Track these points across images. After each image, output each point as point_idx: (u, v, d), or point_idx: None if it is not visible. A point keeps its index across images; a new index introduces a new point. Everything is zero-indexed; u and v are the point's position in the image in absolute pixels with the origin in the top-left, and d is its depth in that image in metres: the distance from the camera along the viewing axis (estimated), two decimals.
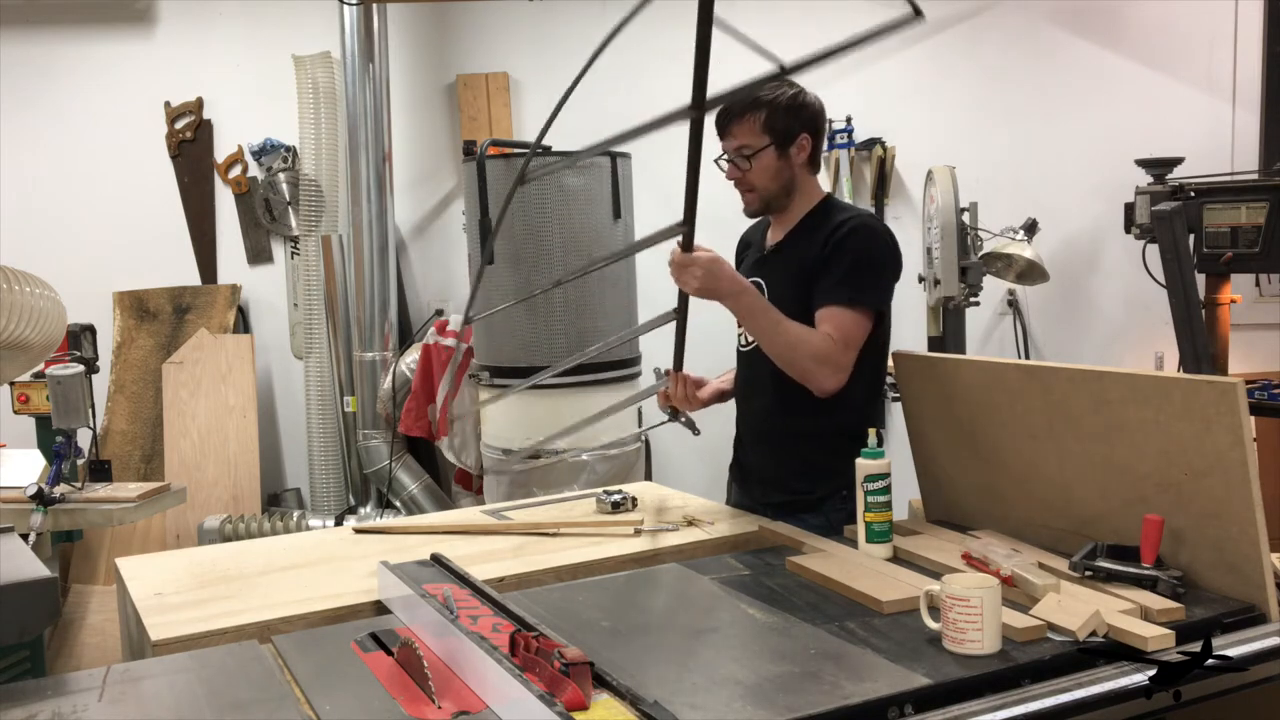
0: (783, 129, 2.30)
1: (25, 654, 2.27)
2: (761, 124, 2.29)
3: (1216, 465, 1.69)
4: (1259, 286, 4.46)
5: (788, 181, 2.34)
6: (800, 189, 2.37)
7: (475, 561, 2.02)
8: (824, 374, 2.21)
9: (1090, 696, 1.46)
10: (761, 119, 2.29)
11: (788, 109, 2.29)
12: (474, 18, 5.07)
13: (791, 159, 2.32)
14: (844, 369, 2.23)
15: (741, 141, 2.31)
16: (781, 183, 2.34)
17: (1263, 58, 4.60)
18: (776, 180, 2.33)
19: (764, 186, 2.34)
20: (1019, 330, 4.86)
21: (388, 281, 4.73)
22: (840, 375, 2.22)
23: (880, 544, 2.01)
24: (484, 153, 3.82)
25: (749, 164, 2.31)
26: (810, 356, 2.20)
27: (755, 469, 2.49)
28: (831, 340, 2.21)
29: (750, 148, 2.30)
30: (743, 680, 1.47)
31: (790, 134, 2.31)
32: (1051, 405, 1.96)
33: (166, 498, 3.58)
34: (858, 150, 4.83)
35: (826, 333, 2.22)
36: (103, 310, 4.81)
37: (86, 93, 4.90)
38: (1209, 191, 3.70)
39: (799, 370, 2.22)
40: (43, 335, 1.83)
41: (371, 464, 4.67)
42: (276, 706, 1.46)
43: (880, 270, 2.29)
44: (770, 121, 2.29)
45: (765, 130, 2.29)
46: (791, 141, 2.31)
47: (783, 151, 2.31)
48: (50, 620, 2.19)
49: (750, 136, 2.30)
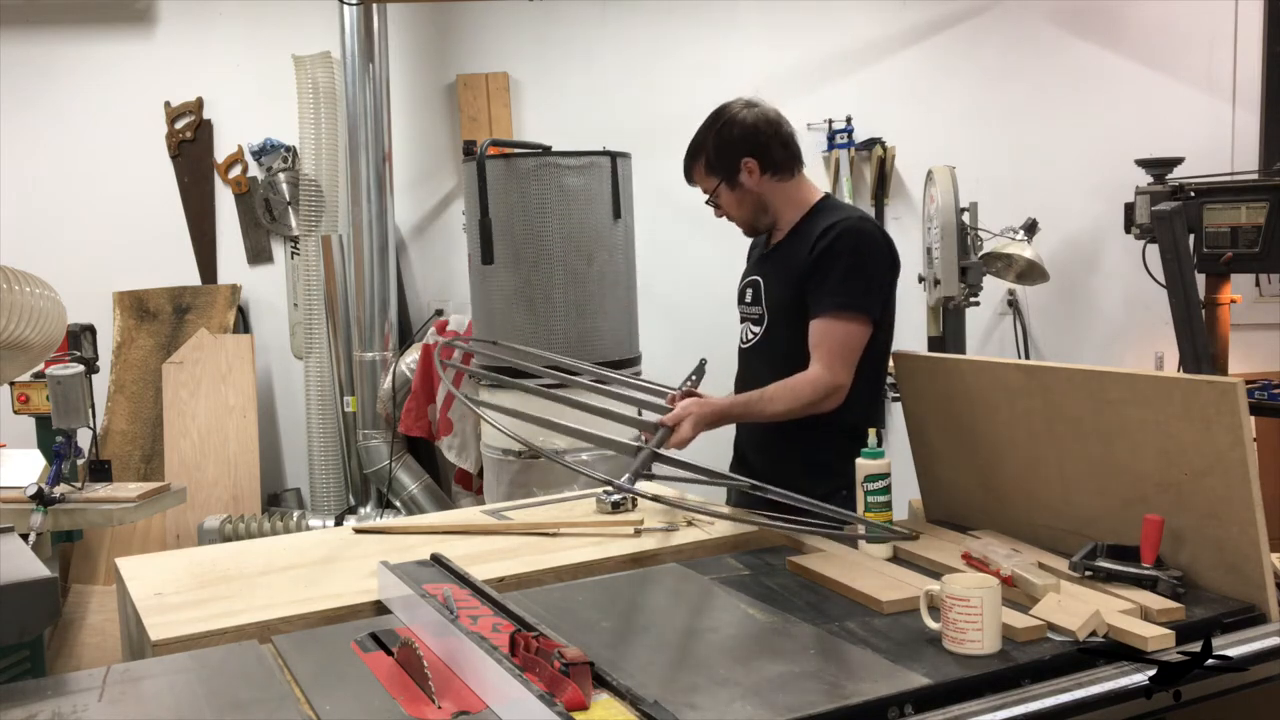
0: (722, 165, 2.39)
1: (25, 654, 2.27)
2: (706, 168, 2.41)
3: (1216, 465, 1.69)
4: (1259, 286, 4.46)
5: (756, 203, 2.42)
6: (779, 200, 2.42)
7: (475, 561, 2.02)
8: (827, 405, 2.27)
9: (1090, 696, 1.46)
10: (704, 164, 2.41)
11: (717, 145, 2.39)
12: (474, 18, 5.07)
13: (745, 185, 2.39)
14: (842, 388, 2.27)
15: (701, 186, 2.45)
16: (750, 207, 2.42)
17: (1263, 58, 4.60)
18: (743, 208, 2.43)
19: (738, 216, 2.45)
20: (1019, 330, 4.86)
21: (388, 281, 4.73)
22: (840, 394, 2.27)
23: (880, 544, 2.01)
24: (484, 153, 3.82)
25: (718, 203, 2.44)
26: (807, 404, 2.26)
27: (755, 469, 2.48)
28: (817, 374, 2.25)
29: (709, 191, 2.43)
30: (742, 680, 1.47)
31: (731, 166, 2.38)
32: (1051, 405, 1.96)
33: (166, 498, 3.58)
34: (858, 150, 4.83)
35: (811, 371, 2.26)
36: (103, 310, 4.81)
37: (86, 93, 4.90)
38: (1209, 191, 3.70)
39: (805, 413, 2.28)
40: (43, 335, 1.83)
41: (371, 464, 4.67)
42: (276, 706, 1.46)
43: (870, 274, 2.30)
44: (710, 163, 2.40)
45: (710, 173, 2.41)
46: (736, 171, 2.38)
47: (733, 183, 2.40)
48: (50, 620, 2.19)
49: (703, 183, 2.44)
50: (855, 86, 4.83)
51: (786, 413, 2.27)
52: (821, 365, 2.25)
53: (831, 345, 2.26)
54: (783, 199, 2.41)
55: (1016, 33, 4.82)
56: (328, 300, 4.75)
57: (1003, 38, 4.83)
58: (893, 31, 4.88)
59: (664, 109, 4.80)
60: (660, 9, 4.99)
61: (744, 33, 4.93)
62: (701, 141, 2.40)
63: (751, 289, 2.48)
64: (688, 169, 2.45)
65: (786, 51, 4.88)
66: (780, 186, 2.40)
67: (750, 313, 2.49)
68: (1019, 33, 4.81)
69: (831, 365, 2.25)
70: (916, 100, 4.88)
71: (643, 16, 5.02)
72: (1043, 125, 4.81)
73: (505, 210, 3.75)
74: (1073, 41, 4.78)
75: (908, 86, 4.88)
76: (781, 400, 2.26)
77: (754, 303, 2.47)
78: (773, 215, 2.43)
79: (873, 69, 4.90)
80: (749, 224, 2.46)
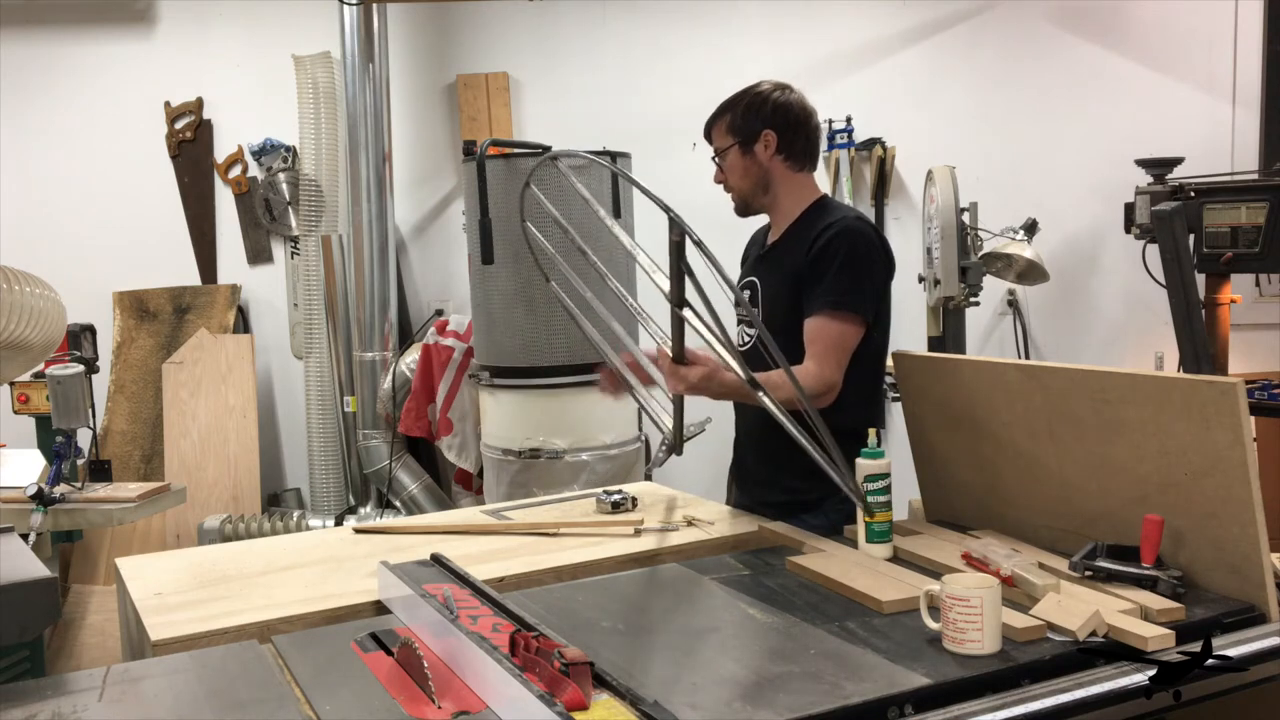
0: (744, 128, 2.38)
1: (25, 654, 2.26)
2: (728, 125, 2.40)
3: (1216, 465, 1.69)
4: (1259, 286, 4.46)
5: (760, 179, 2.40)
6: (783, 187, 2.41)
7: (475, 561, 2.02)
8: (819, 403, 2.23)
9: (1090, 696, 1.46)
10: (728, 121, 2.40)
11: (747, 107, 2.39)
12: (474, 18, 5.07)
13: (757, 156, 2.38)
14: (835, 386, 2.26)
15: (715, 144, 2.43)
16: (753, 180, 2.41)
17: (1263, 58, 4.60)
18: (747, 178, 2.41)
19: (737, 185, 2.43)
20: (1019, 330, 4.86)
21: (388, 281, 4.73)
22: (832, 393, 2.26)
23: (880, 544, 2.01)
24: (484, 153, 3.82)
25: (724, 161, 2.41)
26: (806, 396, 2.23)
27: (755, 469, 2.49)
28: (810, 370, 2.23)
29: (721, 149, 2.41)
30: (743, 680, 1.47)
31: (752, 132, 2.38)
32: (1051, 405, 1.96)
33: (166, 498, 3.57)
34: (858, 150, 4.83)
35: (805, 367, 2.24)
36: (103, 310, 4.81)
37: (86, 93, 4.90)
38: (1209, 191, 3.70)
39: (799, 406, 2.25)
40: (43, 335, 1.83)
41: (371, 464, 4.67)
42: (276, 706, 1.46)
43: (864, 274, 2.30)
44: (732, 122, 2.39)
45: (729, 131, 2.40)
46: (755, 139, 2.38)
47: (747, 149, 2.39)
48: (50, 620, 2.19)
49: (720, 139, 2.42)
50: (855, 86, 4.82)
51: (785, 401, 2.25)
52: (815, 362, 2.25)
53: (826, 343, 2.25)
54: (786, 187, 2.41)
55: (1016, 33, 4.82)
56: (328, 300, 4.75)
57: (1002, 38, 4.83)
58: (893, 32, 4.88)
59: (664, 109, 4.81)
60: (660, 9, 4.99)
61: (744, 32, 4.93)
62: (735, 101, 2.40)
63: (749, 290, 2.47)
64: (711, 121, 2.43)
65: (787, 51, 4.87)
66: (788, 174, 2.40)
67: (746, 315, 2.47)
68: (1019, 33, 4.82)
69: (825, 362, 2.24)
70: (916, 100, 4.88)
71: (643, 16, 5.02)
72: (1043, 125, 4.81)
73: (505, 210, 3.75)
74: (1073, 42, 4.78)
75: (908, 86, 4.88)
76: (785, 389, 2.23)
77: (750, 305, 2.46)
78: (771, 199, 2.42)
79: (873, 69, 4.90)
80: (745, 199, 2.43)
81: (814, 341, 2.27)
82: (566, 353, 3.76)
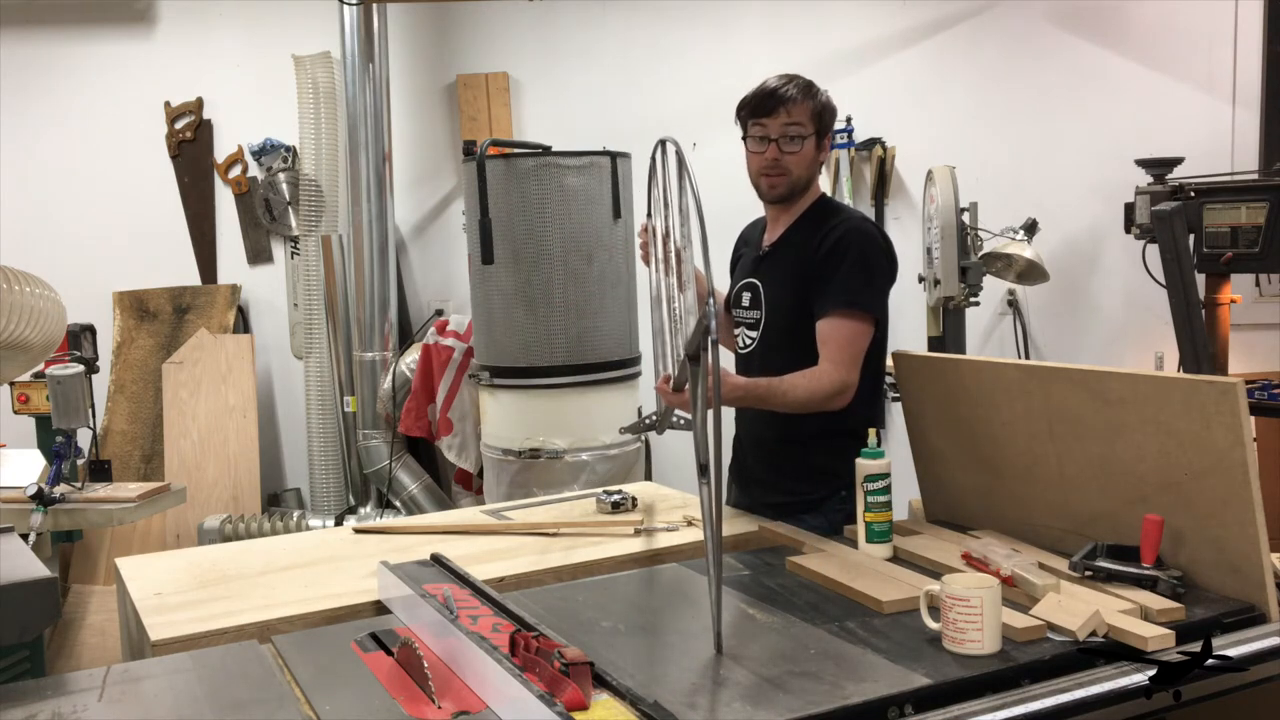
0: (822, 124, 2.37)
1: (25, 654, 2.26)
2: (811, 112, 2.34)
3: (1216, 465, 1.69)
4: (1259, 286, 4.45)
5: (813, 174, 2.41)
6: (812, 182, 2.43)
7: (475, 561, 2.02)
8: (835, 403, 2.24)
9: (1090, 696, 1.46)
10: (812, 107, 2.34)
11: (826, 107, 2.38)
12: (474, 18, 5.07)
13: (819, 153, 2.39)
14: (851, 386, 2.25)
15: (792, 121, 2.32)
16: (811, 173, 2.40)
17: (1263, 58, 4.59)
18: (809, 169, 2.39)
19: (800, 172, 2.37)
20: (1019, 330, 4.85)
21: (388, 281, 4.73)
22: (848, 393, 2.24)
23: (880, 544, 2.01)
24: (484, 153, 3.82)
25: (798, 146, 2.33)
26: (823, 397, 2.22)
27: (755, 470, 2.49)
28: (827, 371, 2.22)
29: (802, 129, 2.33)
30: (742, 680, 1.47)
31: (827, 130, 2.39)
32: (1051, 405, 1.96)
33: (166, 498, 3.57)
34: (858, 150, 4.83)
35: (823, 368, 2.23)
36: (103, 310, 4.81)
37: (86, 93, 4.90)
38: (1209, 191, 3.70)
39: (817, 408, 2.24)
40: (43, 335, 1.83)
41: (371, 464, 4.67)
42: (276, 706, 1.46)
43: (874, 274, 2.30)
44: (817, 112, 2.35)
45: (812, 119, 2.35)
46: (825, 136, 2.39)
47: (820, 143, 2.38)
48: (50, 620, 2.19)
49: (804, 122, 2.34)
50: (855, 86, 4.82)
51: (804, 403, 2.22)
52: (831, 363, 2.23)
53: (840, 343, 2.24)
54: (813, 181, 2.42)
55: (1016, 33, 4.81)
56: (328, 300, 4.75)
57: (1002, 38, 4.83)
58: (893, 31, 4.88)
59: (664, 109, 4.81)
60: (660, 9, 4.99)
61: (744, 32, 4.93)
62: (812, 90, 2.35)
63: (749, 292, 2.45)
64: (798, 98, 2.32)
65: (787, 51, 4.87)
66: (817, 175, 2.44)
67: (747, 317, 2.45)
68: (1019, 33, 4.81)
69: (841, 363, 2.23)
70: (916, 100, 4.88)
71: (643, 16, 5.01)
72: (1043, 125, 4.80)
73: (505, 210, 3.75)
74: (1073, 41, 4.78)
75: (908, 86, 4.88)
76: (802, 389, 2.21)
77: (751, 306, 2.43)
78: (803, 195, 2.41)
79: (873, 69, 4.90)
80: (794, 186, 2.37)
81: (827, 342, 2.25)
82: (566, 353, 3.76)
